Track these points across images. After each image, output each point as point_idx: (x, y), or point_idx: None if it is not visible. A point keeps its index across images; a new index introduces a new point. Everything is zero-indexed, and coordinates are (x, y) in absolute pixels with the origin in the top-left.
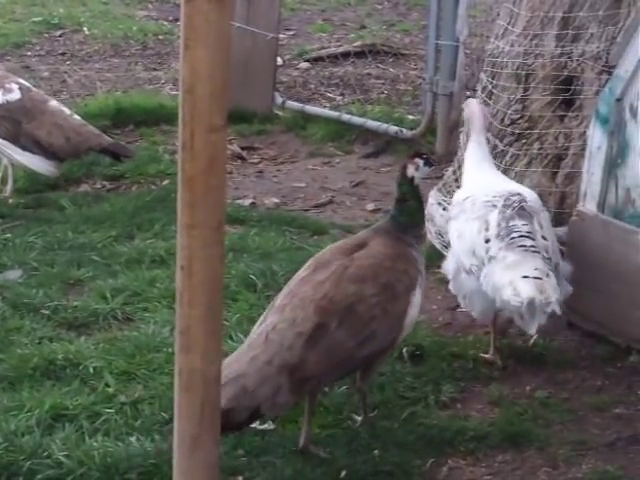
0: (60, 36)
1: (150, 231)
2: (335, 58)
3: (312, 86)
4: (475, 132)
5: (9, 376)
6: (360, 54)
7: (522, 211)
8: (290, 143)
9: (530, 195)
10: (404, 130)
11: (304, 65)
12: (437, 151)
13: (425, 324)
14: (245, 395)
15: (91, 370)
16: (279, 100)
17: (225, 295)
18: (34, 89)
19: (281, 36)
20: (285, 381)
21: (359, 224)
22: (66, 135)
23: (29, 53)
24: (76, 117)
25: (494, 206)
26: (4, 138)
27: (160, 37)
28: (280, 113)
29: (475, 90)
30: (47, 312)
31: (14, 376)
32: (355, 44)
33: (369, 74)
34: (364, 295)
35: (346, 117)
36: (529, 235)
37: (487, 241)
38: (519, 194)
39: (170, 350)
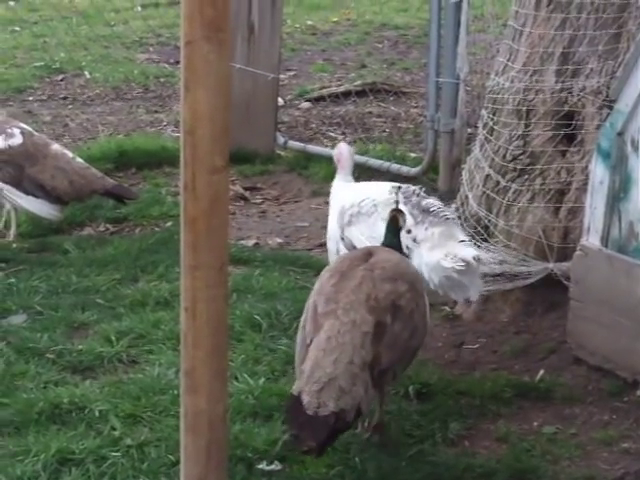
0: (62, 80)
1: (154, 273)
2: (336, 97)
3: (314, 126)
4: (343, 171)
5: (15, 421)
6: (361, 93)
7: (425, 194)
8: (293, 183)
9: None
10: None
11: (305, 105)
12: (440, 188)
13: (431, 362)
14: (346, 395)
15: (97, 413)
16: (281, 140)
17: (230, 336)
18: (36, 133)
19: (282, 76)
20: (368, 377)
21: None
22: (69, 178)
23: (31, 98)
24: (79, 160)
25: (397, 202)
26: (7, 182)
27: (161, 80)
28: (282, 153)
29: (476, 127)
30: (52, 356)
31: (19, 421)
32: (356, 83)
33: (370, 113)
34: (400, 291)
35: None
36: (443, 207)
37: (409, 232)
38: (409, 185)
39: (176, 392)
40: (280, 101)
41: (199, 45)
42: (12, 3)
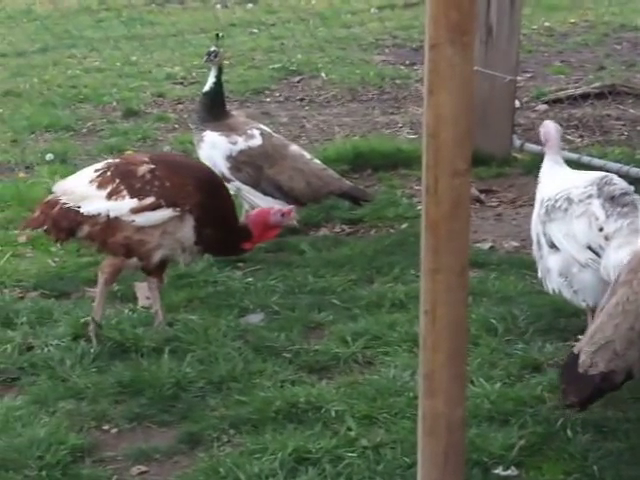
0: (298, 82)
1: (389, 275)
2: (574, 100)
3: None
4: (551, 151)
5: (252, 419)
6: (599, 95)
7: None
8: (529, 186)
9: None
10: None
11: (542, 107)
12: None
13: None
14: (618, 358)
15: (333, 414)
16: (517, 143)
17: None
18: (275, 134)
19: (518, 78)
20: None
21: None
22: (307, 179)
23: (268, 99)
24: (316, 161)
25: (590, 196)
26: (246, 183)
27: (397, 81)
28: (519, 156)
29: None
30: (289, 355)
31: (257, 419)
32: (594, 85)
33: (609, 115)
34: None
35: (586, 159)
36: (627, 189)
37: (601, 229)
38: (606, 175)
39: (411, 394)
40: (517, 103)
41: (444, 48)
42: (250, 5)
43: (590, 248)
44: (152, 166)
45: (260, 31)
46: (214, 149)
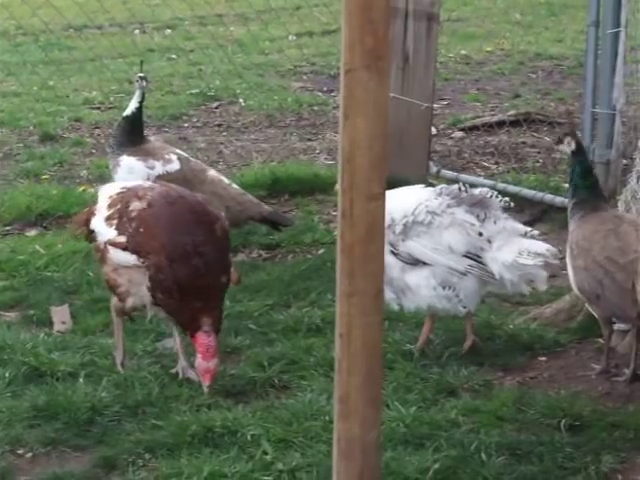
0: (216, 108)
1: (306, 299)
2: (490, 127)
3: (466, 155)
4: None
5: (168, 443)
6: (515, 123)
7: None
8: None
9: None
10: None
11: (458, 134)
12: None
13: (584, 394)
14: None
15: (249, 437)
16: (434, 169)
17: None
18: (193, 159)
19: (435, 106)
20: None
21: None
22: (226, 204)
23: (186, 125)
24: (235, 186)
25: (449, 206)
26: None
27: (315, 108)
28: (435, 182)
29: (632, 158)
30: None
31: (173, 443)
32: (509, 113)
33: (524, 143)
34: None
35: (501, 186)
36: (487, 194)
37: (481, 234)
38: (443, 185)
39: (327, 418)
40: (433, 130)
41: (359, 73)
42: (169, 31)
43: (468, 255)
44: (144, 206)
45: (178, 57)
46: (131, 174)
